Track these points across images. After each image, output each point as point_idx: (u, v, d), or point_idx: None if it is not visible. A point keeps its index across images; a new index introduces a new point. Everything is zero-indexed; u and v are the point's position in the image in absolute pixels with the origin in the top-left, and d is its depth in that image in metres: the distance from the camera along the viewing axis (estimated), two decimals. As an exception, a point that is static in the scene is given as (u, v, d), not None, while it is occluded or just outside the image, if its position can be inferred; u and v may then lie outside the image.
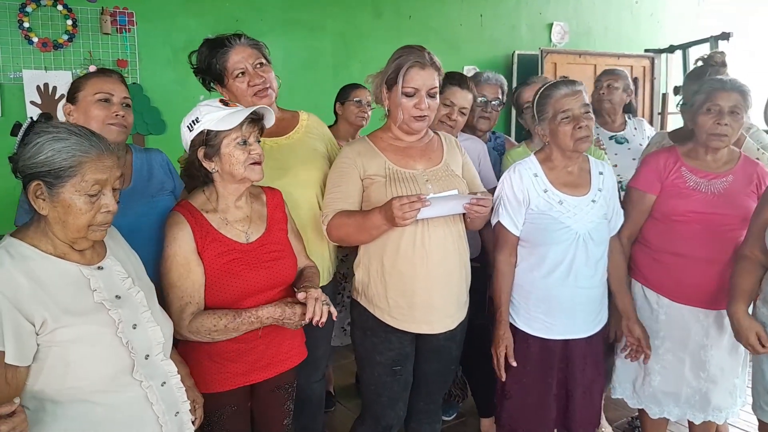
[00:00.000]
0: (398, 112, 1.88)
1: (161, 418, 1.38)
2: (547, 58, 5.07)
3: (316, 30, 4.33)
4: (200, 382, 1.66)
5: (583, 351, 2.06)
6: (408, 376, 2.01)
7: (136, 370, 1.33)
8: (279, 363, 1.78)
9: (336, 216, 1.87)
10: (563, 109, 1.96)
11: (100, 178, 1.28)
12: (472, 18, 5.00)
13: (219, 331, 1.61)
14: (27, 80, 3.43)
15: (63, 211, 1.27)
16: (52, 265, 1.28)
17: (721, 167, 2.15)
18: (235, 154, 1.63)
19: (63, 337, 1.23)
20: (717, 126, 2.06)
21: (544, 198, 2.01)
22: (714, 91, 2.08)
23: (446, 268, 1.91)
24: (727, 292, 2.09)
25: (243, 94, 1.98)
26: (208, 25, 3.88)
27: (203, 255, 1.63)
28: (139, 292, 1.40)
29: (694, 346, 2.16)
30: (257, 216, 1.77)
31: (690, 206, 2.11)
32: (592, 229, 2.00)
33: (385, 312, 1.92)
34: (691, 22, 6.09)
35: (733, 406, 2.21)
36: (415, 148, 1.97)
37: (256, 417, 1.84)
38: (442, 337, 1.97)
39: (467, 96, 2.45)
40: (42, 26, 3.45)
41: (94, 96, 1.78)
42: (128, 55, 3.69)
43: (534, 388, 2.08)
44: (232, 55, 1.97)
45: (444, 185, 1.89)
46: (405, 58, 1.85)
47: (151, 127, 3.78)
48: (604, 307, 2.12)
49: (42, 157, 1.24)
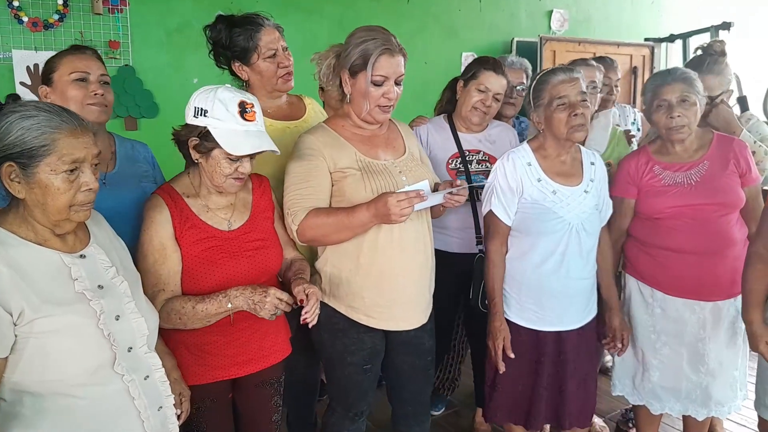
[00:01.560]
0: (364, 102, 1.78)
1: (143, 412, 1.33)
2: (546, 46, 5.02)
3: (313, 14, 4.26)
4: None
5: (575, 343, 2.05)
6: (377, 370, 1.95)
7: (118, 363, 1.28)
8: (261, 359, 1.73)
9: (310, 214, 1.72)
10: (559, 95, 1.93)
11: (76, 155, 1.22)
12: (471, 4, 4.95)
13: (188, 314, 1.54)
14: (17, 60, 3.36)
15: (41, 193, 1.21)
16: (32, 252, 1.23)
17: (694, 155, 2.13)
18: (222, 165, 1.57)
19: (42, 328, 1.18)
20: (671, 120, 2.06)
21: (538, 187, 1.98)
22: (657, 88, 2.09)
23: (419, 261, 1.87)
24: (721, 283, 2.09)
25: (271, 75, 2.00)
26: (203, 7, 3.83)
27: (181, 241, 1.59)
28: (122, 282, 1.35)
29: (691, 338, 2.14)
30: (241, 203, 1.71)
31: (668, 202, 2.09)
32: (585, 219, 1.98)
33: (360, 312, 1.83)
34: (692, 11, 6.04)
35: (735, 399, 2.20)
36: (379, 137, 1.89)
37: (243, 413, 1.80)
38: (412, 329, 1.91)
39: (502, 81, 2.39)
40: (32, 5, 3.38)
41: (70, 76, 1.72)
42: (120, 36, 3.62)
43: (523, 380, 2.07)
44: (265, 34, 1.97)
45: (415, 176, 1.83)
46: (372, 44, 1.73)
47: (143, 110, 3.71)
48: (593, 298, 2.11)
49: (11, 137, 1.18)
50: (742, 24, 5.50)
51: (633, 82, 5.45)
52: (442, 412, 2.99)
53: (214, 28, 2.01)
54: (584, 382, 2.09)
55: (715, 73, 2.39)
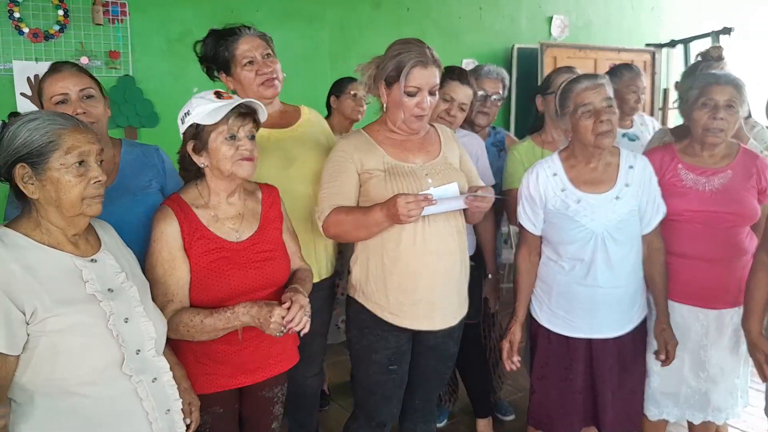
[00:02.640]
0: (399, 112, 1.85)
1: (151, 414, 1.36)
2: (547, 52, 5.02)
3: (314, 21, 4.28)
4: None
5: (610, 351, 2.04)
6: (403, 375, 1.99)
7: (126, 364, 1.31)
8: (269, 367, 1.73)
9: (333, 212, 1.82)
10: (584, 102, 1.92)
11: (82, 148, 1.29)
12: (471, 10, 4.96)
13: (196, 327, 1.55)
14: (17, 71, 3.37)
15: (53, 189, 1.27)
16: (45, 254, 1.28)
17: (719, 162, 2.11)
18: (222, 149, 1.58)
19: (53, 326, 1.23)
20: (713, 120, 2.01)
21: (561, 197, 1.99)
22: (708, 86, 2.04)
23: (447, 264, 1.89)
24: (727, 292, 2.07)
25: (250, 83, 2.00)
26: (204, 15, 3.84)
27: (189, 252, 1.59)
28: (132, 287, 1.39)
29: (693, 345, 2.13)
30: (250, 213, 1.72)
31: (686, 205, 2.07)
32: (613, 227, 1.96)
33: (384, 309, 1.89)
34: (693, 16, 6.05)
35: (734, 406, 2.18)
36: (413, 141, 1.95)
37: (245, 420, 1.80)
38: (440, 334, 1.95)
39: (467, 91, 2.40)
40: (33, 16, 3.39)
41: (51, 100, 1.74)
42: (121, 46, 3.63)
43: (556, 384, 2.09)
44: (241, 44, 2.00)
45: (443, 179, 1.87)
46: (407, 56, 1.80)
47: (143, 119, 3.72)
48: (635, 307, 2.07)
49: (20, 140, 1.26)
50: (742, 27, 5.50)
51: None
52: (445, 423, 2.97)
53: (204, 43, 2.06)
54: (620, 392, 2.08)
55: None
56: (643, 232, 2.05)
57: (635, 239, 2.03)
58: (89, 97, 1.77)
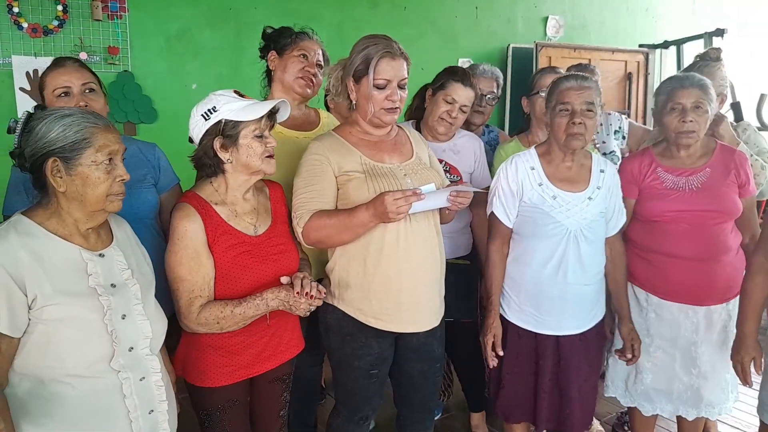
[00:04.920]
0: (369, 105, 1.82)
1: (132, 413, 1.36)
2: (542, 52, 5.05)
3: (311, 20, 4.21)
4: (203, 377, 1.66)
5: (576, 347, 2.07)
6: (384, 376, 1.97)
7: (115, 360, 1.32)
8: (280, 354, 1.78)
9: (314, 217, 1.75)
10: (564, 101, 1.96)
11: (112, 147, 1.34)
12: (467, 10, 4.98)
13: (227, 318, 1.60)
14: (16, 66, 3.37)
15: (81, 184, 1.31)
16: (54, 244, 1.31)
17: (697, 162, 2.16)
18: (254, 146, 1.63)
19: (50, 315, 1.25)
20: (683, 124, 2.07)
21: (538, 191, 2.01)
22: (674, 90, 2.10)
23: (428, 264, 1.88)
24: (715, 288, 2.11)
25: (293, 71, 2.16)
26: (202, 13, 3.85)
27: (213, 248, 1.62)
28: (135, 285, 1.41)
29: (684, 342, 2.17)
30: (263, 209, 1.77)
31: (668, 206, 2.11)
32: (586, 226, 2.00)
33: (368, 315, 1.85)
34: (687, 18, 6.09)
35: (726, 401, 2.22)
36: (386, 142, 1.92)
37: (255, 408, 1.83)
38: (422, 335, 1.93)
39: (469, 93, 2.39)
40: (32, 11, 3.40)
41: (54, 93, 1.77)
42: (119, 42, 3.63)
43: (525, 380, 2.10)
44: (306, 41, 2.21)
45: (421, 179, 1.86)
46: (374, 48, 1.79)
47: (142, 115, 3.72)
48: (598, 304, 2.12)
49: (53, 134, 1.29)
50: (736, 31, 5.54)
51: (627, 88, 5.49)
52: (440, 416, 3.00)
53: (277, 29, 2.25)
54: (585, 387, 2.10)
55: (705, 75, 2.42)
56: (608, 235, 2.10)
57: (602, 240, 2.09)
58: (91, 91, 1.81)
